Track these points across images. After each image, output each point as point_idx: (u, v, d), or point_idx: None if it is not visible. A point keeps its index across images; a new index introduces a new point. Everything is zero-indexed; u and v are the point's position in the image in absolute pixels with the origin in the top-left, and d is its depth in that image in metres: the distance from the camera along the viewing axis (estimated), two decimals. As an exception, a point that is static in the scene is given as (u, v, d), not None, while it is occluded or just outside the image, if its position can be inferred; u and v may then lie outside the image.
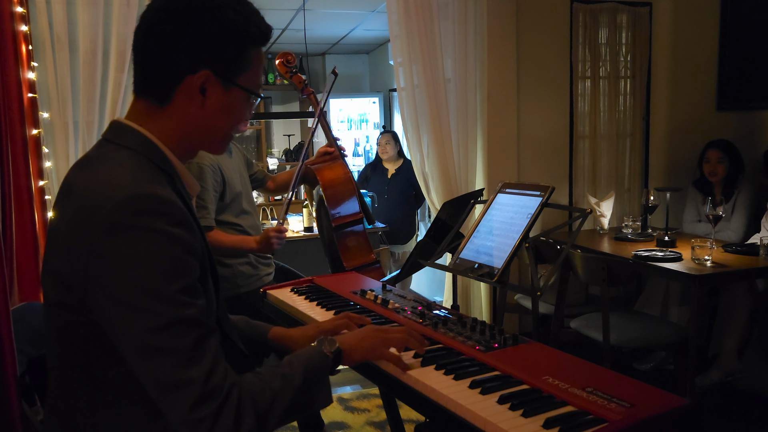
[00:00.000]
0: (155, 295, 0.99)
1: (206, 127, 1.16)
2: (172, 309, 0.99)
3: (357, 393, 3.40)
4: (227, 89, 1.14)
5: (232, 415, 1.01)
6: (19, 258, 2.41)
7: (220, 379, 1.02)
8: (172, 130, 1.15)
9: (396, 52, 3.64)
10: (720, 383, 3.31)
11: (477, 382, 1.20)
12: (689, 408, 1.08)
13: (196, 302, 1.03)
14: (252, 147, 6.78)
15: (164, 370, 0.99)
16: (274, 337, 1.49)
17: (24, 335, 1.72)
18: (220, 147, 1.23)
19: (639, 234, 3.57)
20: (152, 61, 1.12)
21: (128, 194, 1.01)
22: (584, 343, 2.99)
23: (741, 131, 4.06)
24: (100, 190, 1.03)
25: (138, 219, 1.00)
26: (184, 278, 1.02)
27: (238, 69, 1.14)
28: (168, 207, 1.03)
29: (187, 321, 1.01)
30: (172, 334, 0.99)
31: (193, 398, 0.99)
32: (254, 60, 1.16)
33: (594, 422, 1.04)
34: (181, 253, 1.02)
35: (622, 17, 4.06)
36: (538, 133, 3.98)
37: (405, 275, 2.65)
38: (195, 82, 1.11)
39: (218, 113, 1.15)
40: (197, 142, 1.19)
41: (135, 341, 1.00)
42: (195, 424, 0.99)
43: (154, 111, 1.14)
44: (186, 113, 1.14)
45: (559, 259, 2.10)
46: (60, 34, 2.91)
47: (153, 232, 1.00)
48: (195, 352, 1.00)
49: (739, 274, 2.96)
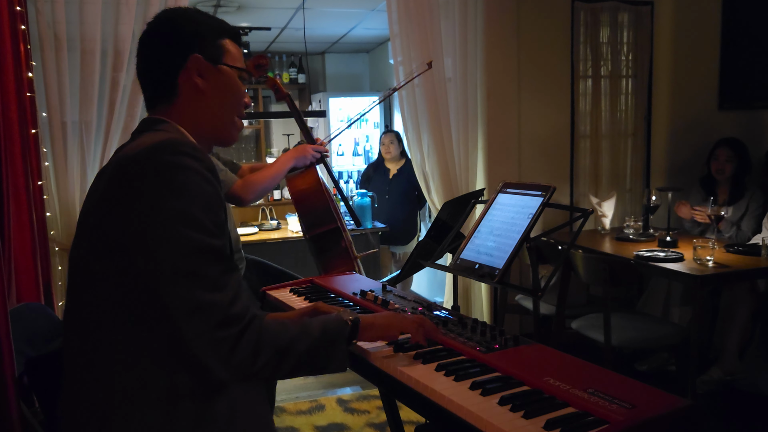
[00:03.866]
0: (190, 222, 1.08)
1: (212, 112, 1.30)
2: (204, 236, 1.09)
3: (357, 394, 3.39)
4: (218, 69, 1.29)
5: (253, 341, 1.12)
6: (17, 258, 2.40)
7: (242, 307, 1.12)
8: (188, 123, 1.28)
9: (396, 51, 3.63)
10: (721, 383, 3.30)
11: (478, 383, 1.19)
12: (690, 409, 1.08)
13: (222, 238, 1.13)
14: (251, 146, 6.78)
15: (191, 293, 1.08)
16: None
17: (22, 336, 1.71)
18: (228, 133, 1.34)
19: (640, 234, 3.56)
20: (155, 73, 1.29)
21: (165, 139, 1.14)
22: (585, 343, 2.98)
23: (743, 131, 4.04)
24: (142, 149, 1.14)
25: (174, 157, 1.11)
26: (215, 214, 1.13)
27: (221, 54, 1.30)
28: (200, 153, 1.15)
29: (216, 250, 1.11)
30: (202, 260, 1.09)
31: (216, 320, 1.08)
32: (230, 48, 1.32)
33: (595, 423, 1.03)
34: (213, 192, 1.13)
35: (624, 16, 4.05)
36: (539, 133, 3.97)
37: (405, 276, 2.64)
38: (191, 68, 1.26)
39: (218, 94, 1.29)
40: (209, 131, 1.31)
41: (168, 264, 1.08)
42: (216, 343, 1.09)
43: (168, 110, 1.28)
44: (192, 102, 1.28)
45: (561, 259, 2.09)
46: (59, 33, 2.90)
47: (189, 168, 1.10)
48: (220, 279, 1.10)
49: (741, 274, 2.95)
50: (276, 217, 4.80)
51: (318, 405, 3.25)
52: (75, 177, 3.01)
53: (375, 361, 1.35)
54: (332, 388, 3.48)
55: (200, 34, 1.29)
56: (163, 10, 1.36)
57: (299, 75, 6.82)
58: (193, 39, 1.28)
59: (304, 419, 3.10)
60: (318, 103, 6.71)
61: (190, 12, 1.33)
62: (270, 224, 4.46)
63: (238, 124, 1.36)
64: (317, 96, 6.81)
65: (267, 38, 5.94)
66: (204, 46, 1.28)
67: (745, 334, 3.34)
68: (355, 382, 3.49)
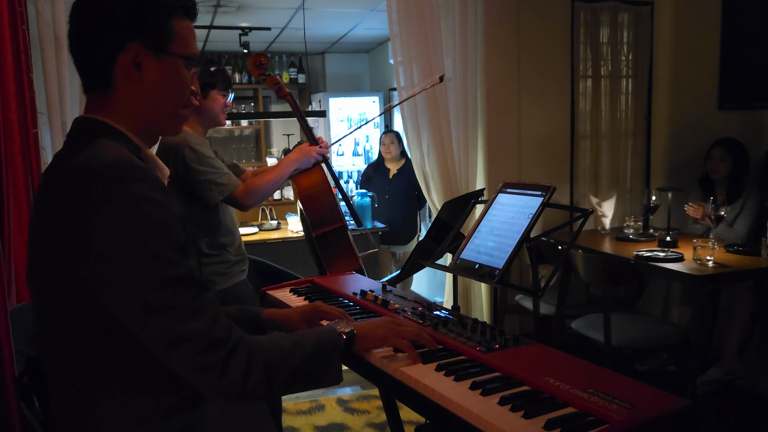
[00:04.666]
0: (147, 256, 1.01)
1: (152, 104, 1.16)
2: (166, 267, 1.02)
3: (357, 394, 3.39)
4: (160, 59, 1.14)
5: (243, 363, 1.05)
6: (16, 258, 2.39)
7: (224, 330, 1.05)
8: (127, 116, 1.15)
9: (396, 51, 3.63)
10: (721, 383, 3.30)
11: (478, 383, 1.19)
12: (690, 409, 1.08)
13: (187, 261, 1.06)
14: (251, 147, 6.78)
15: (167, 327, 1.02)
16: (268, 316, 1.53)
17: (22, 336, 1.71)
18: (173, 125, 1.23)
19: (640, 234, 3.56)
20: (83, 51, 1.14)
21: (106, 166, 1.03)
22: (585, 343, 2.99)
23: (743, 131, 4.05)
24: (77, 170, 1.04)
25: (119, 186, 1.01)
26: (172, 239, 1.04)
27: (165, 40, 1.14)
28: (145, 173, 1.05)
29: (182, 278, 1.04)
30: (169, 292, 1.02)
31: (199, 348, 1.02)
32: (178, 30, 1.16)
33: (595, 423, 1.03)
34: (165, 216, 1.04)
35: (624, 16, 4.05)
36: (539, 133, 3.97)
37: (405, 275, 2.64)
38: (127, 58, 1.12)
39: (158, 85, 1.15)
40: (150, 124, 1.19)
41: (134, 302, 1.02)
42: (203, 371, 1.03)
43: (104, 101, 1.15)
44: (130, 94, 1.14)
45: (560, 259, 2.09)
46: (58, 33, 2.90)
47: (135, 197, 1.02)
48: (194, 306, 1.03)
49: (741, 274, 2.95)
50: (276, 217, 4.80)
51: (318, 405, 3.25)
52: (75, 177, 3.01)
53: (375, 361, 1.35)
54: (332, 388, 3.48)
55: (141, 15, 1.12)
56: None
57: (299, 75, 6.82)
58: (133, 22, 1.12)
59: (304, 419, 3.10)
60: (318, 103, 6.71)
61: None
62: (270, 224, 4.47)
63: (183, 114, 1.22)
64: (317, 96, 6.81)
65: (267, 38, 5.94)
66: (143, 30, 1.12)
67: (744, 334, 3.34)
68: (355, 382, 3.49)
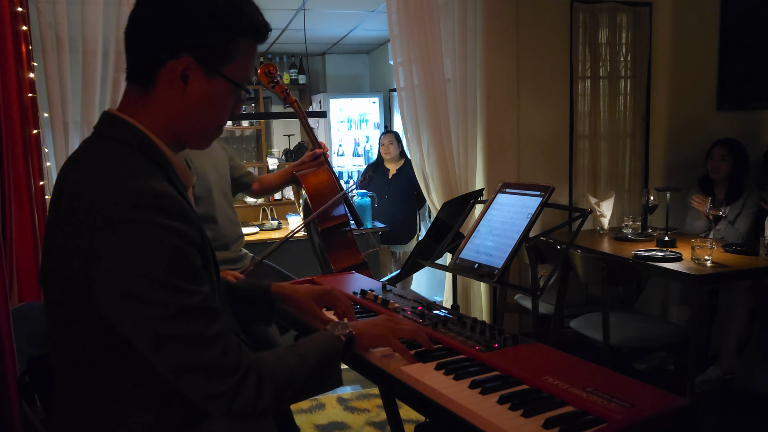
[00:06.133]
0: (160, 287, 1.00)
1: (187, 117, 1.13)
2: (179, 298, 1.01)
3: (357, 393, 3.40)
4: (210, 78, 1.10)
5: (252, 388, 1.05)
6: (18, 258, 2.40)
7: (235, 356, 1.05)
8: (159, 120, 1.12)
9: (396, 52, 3.63)
10: (719, 382, 3.31)
11: (477, 382, 1.20)
12: (689, 408, 1.08)
13: (201, 289, 1.05)
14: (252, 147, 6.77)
15: (178, 356, 1.01)
16: (277, 290, 1.56)
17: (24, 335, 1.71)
18: (202, 142, 1.19)
19: (639, 234, 3.57)
20: (136, 45, 1.11)
21: (124, 189, 1.01)
22: (584, 343, 2.99)
23: (741, 131, 4.06)
24: (93, 186, 1.02)
25: (135, 213, 0.99)
26: (187, 268, 1.03)
27: (223, 58, 1.10)
28: (164, 201, 1.02)
29: (195, 308, 1.03)
30: (182, 322, 1.01)
31: (210, 377, 1.02)
32: (243, 52, 1.12)
33: (594, 422, 1.03)
34: (182, 244, 1.03)
35: (622, 17, 4.06)
36: (538, 133, 3.98)
37: (405, 275, 2.65)
38: (176, 67, 1.08)
39: (199, 103, 1.11)
40: (180, 134, 1.15)
41: (146, 332, 1.01)
42: (215, 399, 1.03)
43: (142, 99, 1.12)
44: (169, 100, 1.11)
45: (559, 259, 2.10)
46: (60, 33, 2.91)
47: (151, 225, 1.00)
48: (206, 335, 1.03)
49: (739, 273, 2.95)
50: (276, 217, 4.80)
51: (318, 404, 3.26)
52: (76, 177, 3.02)
53: (375, 360, 1.36)
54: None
55: (204, 28, 1.07)
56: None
57: (300, 76, 6.82)
58: (194, 33, 1.06)
59: (304, 418, 3.11)
60: (318, 103, 6.72)
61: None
62: (270, 224, 4.47)
63: (214, 134, 1.19)
64: (317, 97, 6.82)
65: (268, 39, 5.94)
66: (203, 42, 1.07)
67: (743, 333, 3.34)
68: (355, 381, 3.50)
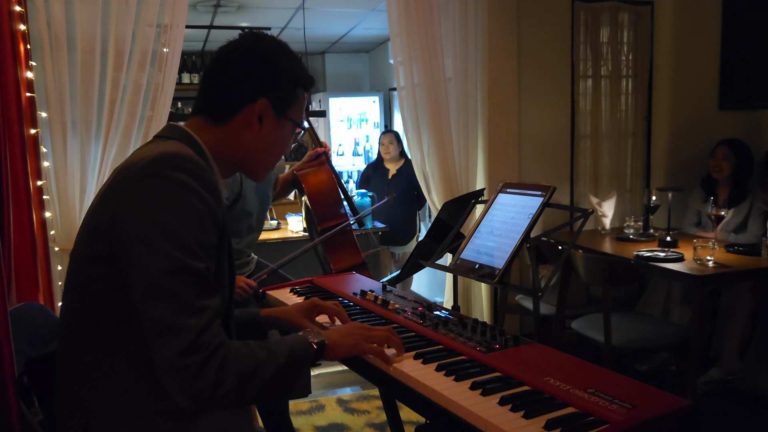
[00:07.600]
0: (174, 240, 1.06)
1: (254, 153, 1.30)
2: (184, 256, 1.07)
3: (357, 394, 3.39)
4: (279, 120, 1.30)
5: (216, 369, 1.06)
6: (16, 258, 2.40)
7: (212, 335, 1.08)
8: (220, 144, 1.27)
9: (396, 50, 3.63)
10: (721, 383, 3.30)
11: (478, 383, 1.19)
12: (690, 409, 1.08)
13: (208, 261, 1.11)
14: (252, 147, 6.77)
15: (165, 313, 1.05)
16: (266, 314, 1.56)
17: (22, 336, 1.71)
18: (261, 174, 1.37)
19: (641, 234, 3.56)
20: (220, 93, 1.28)
21: (168, 155, 1.12)
22: (585, 344, 2.98)
23: (743, 131, 4.04)
24: (143, 155, 1.14)
25: (173, 172, 1.09)
26: (203, 235, 1.11)
27: (288, 104, 1.31)
28: (202, 171, 1.13)
29: (197, 272, 1.08)
30: (178, 281, 1.06)
31: (184, 345, 1.04)
32: (300, 98, 1.34)
33: (595, 423, 1.03)
34: (206, 213, 1.11)
35: (624, 16, 4.05)
36: (539, 133, 3.97)
37: (405, 276, 2.64)
38: (255, 110, 1.27)
39: (269, 140, 1.30)
40: (240, 164, 1.32)
41: (146, 279, 1.06)
42: (180, 370, 1.05)
43: (210, 127, 1.28)
44: (242, 135, 1.28)
45: (561, 259, 2.09)
46: (58, 33, 2.90)
47: (184, 185, 1.09)
48: (197, 303, 1.07)
49: (742, 274, 2.94)
50: (276, 217, 4.79)
51: (318, 405, 3.25)
52: (75, 177, 3.01)
53: (375, 361, 1.35)
54: (332, 388, 3.48)
55: (279, 78, 1.29)
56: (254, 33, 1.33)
57: (299, 75, 6.82)
58: (271, 81, 1.28)
59: (303, 419, 3.10)
60: (318, 103, 6.71)
61: (278, 48, 1.31)
62: (270, 224, 4.46)
63: (272, 168, 1.39)
64: (317, 96, 6.81)
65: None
66: (276, 92, 1.29)
67: (745, 334, 3.33)
68: (355, 382, 3.49)
